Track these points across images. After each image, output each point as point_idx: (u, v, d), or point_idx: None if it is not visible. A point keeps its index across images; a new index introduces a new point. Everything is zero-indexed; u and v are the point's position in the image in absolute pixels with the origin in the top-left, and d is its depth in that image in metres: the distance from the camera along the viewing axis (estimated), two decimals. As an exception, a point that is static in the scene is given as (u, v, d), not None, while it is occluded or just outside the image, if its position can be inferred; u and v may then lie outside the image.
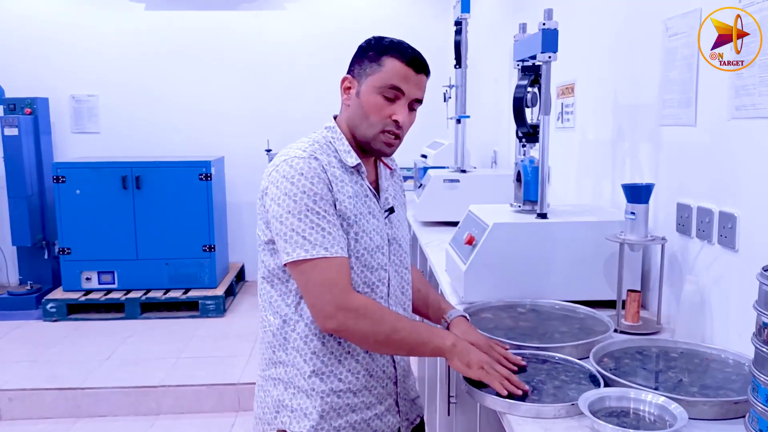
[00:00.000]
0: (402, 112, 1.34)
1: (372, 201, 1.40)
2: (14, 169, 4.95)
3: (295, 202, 1.27)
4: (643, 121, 1.94)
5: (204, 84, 5.53)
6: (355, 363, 1.38)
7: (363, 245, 1.35)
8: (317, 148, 1.35)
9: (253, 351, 3.99)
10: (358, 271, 1.35)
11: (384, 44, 1.36)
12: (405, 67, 1.33)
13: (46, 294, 4.85)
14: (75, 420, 3.38)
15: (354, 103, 1.37)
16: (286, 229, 1.28)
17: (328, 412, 1.36)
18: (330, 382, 1.36)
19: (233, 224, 5.58)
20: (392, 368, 1.44)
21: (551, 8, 1.86)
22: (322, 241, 1.26)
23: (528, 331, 1.61)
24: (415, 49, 1.37)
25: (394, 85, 1.33)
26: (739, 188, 1.46)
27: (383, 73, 1.33)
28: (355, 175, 1.39)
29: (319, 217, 1.27)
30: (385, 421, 1.43)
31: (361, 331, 1.29)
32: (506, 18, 3.66)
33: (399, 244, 1.46)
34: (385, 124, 1.34)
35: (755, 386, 1.03)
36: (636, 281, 1.83)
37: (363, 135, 1.36)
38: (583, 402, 1.16)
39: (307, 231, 1.27)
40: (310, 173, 1.29)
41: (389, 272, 1.42)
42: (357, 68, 1.38)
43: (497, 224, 1.85)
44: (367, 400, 1.39)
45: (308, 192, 1.28)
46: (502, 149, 3.69)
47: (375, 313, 1.29)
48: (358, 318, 1.27)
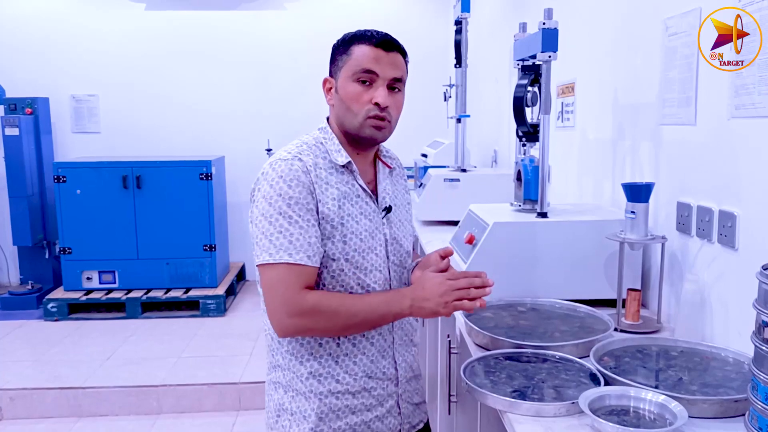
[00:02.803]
0: (381, 93, 1.32)
1: (364, 201, 1.38)
2: (15, 169, 4.95)
3: (270, 204, 1.27)
4: (643, 120, 1.95)
5: (204, 83, 5.53)
6: (353, 365, 1.36)
7: (352, 247, 1.33)
8: (305, 149, 1.35)
9: (253, 351, 3.99)
10: (350, 274, 1.34)
11: (350, 35, 1.36)
12: (373, 48, 1.32)
13: (47, 294, 4.85)
14: (76, 419, 3.39)
15: (335, 99, 1.37)
16: (258, 232, 1.29)
17: (327, 414, 1.35)
18: (328, 383, 1.35)
19: (234, 224, 5.59)
20: (393, 369, 1.42)
21: (551, 8, 1.86)
22: (287, 247, 1.26)
23: (528, 330, 1.62)
24: (382, 31, 1.36)
25: (366, 69, 1.32)
26: (739, 187, 1.47)
27: (353, 60, 1.33)
28: (346, 175, 1.37)
29: (290, 222, 1.26)
30: (386, 423, 1.42)
31: (320, 329, 1.30)
32: (506, 17, 3.67)
33: (399, 244, 1.44)
34: (368, 110, 1.32)
35: (755, 384, 1.04)
36: (636, 280, 1.83)
37: (351, 127, 1.35)
38: (584, 400, 1.17)
39: (275, 235, 1.26)
40: (290, 176, 1.28)
41: (388, 273, 1.40)
42: (332, 67, 1.39)
43: (497, 223, 1.85)
44: (367, 401, 1.38)
45: (284, 195, 1.27)
46: (503, 148, 3.69)
47: (328, 307, 1.27)
48: (312, 317, 1.26)
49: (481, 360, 1.46)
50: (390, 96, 1.34)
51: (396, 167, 1.54)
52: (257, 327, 4.43)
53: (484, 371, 1.40)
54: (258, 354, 3.92)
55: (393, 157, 1.53)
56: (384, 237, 1.40)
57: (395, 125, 1.39)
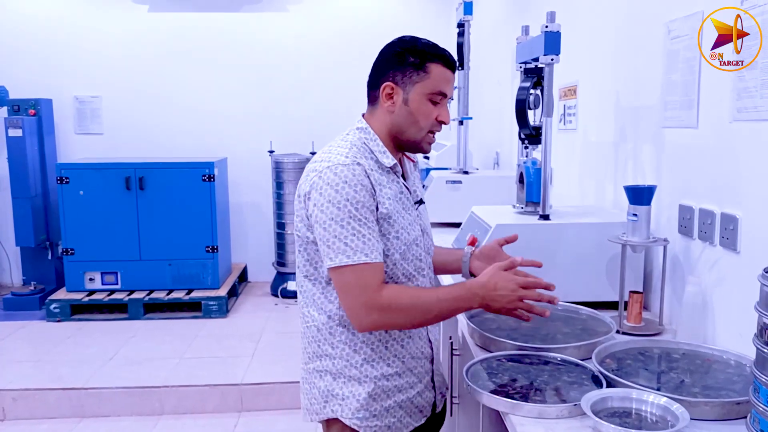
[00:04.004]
0: (446, 113, 1.44)
1: (406, 197, 1.47)
2: (18, 170, 4.96)
3: (339, 209, 1.33)
4: (646, 122, 1.95)
5: (207, 85, 5.54)
6: (400, 347, 1.45)
7: (403, 240, 1.42)
8: (357, 152, 1.40)
9: (255, 352, 3.99)
10: (399, 266, 1.42)
11: (424, 50, 1.41)
12: (447, 71, 1.42)
13: (50, 294, 4.86)
14: (78, 420, 3.39)
15: (401, 110, 1.43)
16: (329, 235, 1.34)
17: (379, 395, 1.44)
18: (380, 367, 1.44)
19: (236, 225, 5.59)
20: (429, 348, 1.53)
21: (554, 10, 1.87)
22: (362, 248, 1.33)
23: (530, 332, 1.62)
24: (448, 51, 1.45)
25: (443, 92, 1.42)
26: (741, 190, 1.47)
27: (431, 81, 1.40)
28: (392, 175, 1.45)
29: (360, 224, 1.33)
30: (424, 397, 1.52)
31: (396, 324, 1.40)
32: (509, 20, 3.67)
33: (428, 234, 1.56)
34: (432, 125, 1.44)
35: (757, 387, 1.04)
36: (638, 282, 1.84)
37: (412, 138, 1.44)
38: (586, 402, 1.17)
39: (349, 238, 1.33)
40: (354, 180, 1.34)
41: (425, 262, 1.49)
42: (399, 76, 1.41)
43: (500, 225, 1.85)
44: (410, 380, 1.48)
45: (351, 200, 1.34)
46: (505, 151, 3.69)
47: (403, 303, 1.36)
48: (390, 312, 1.35)
49: (483, 362, 1.46)
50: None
51: (417, 161, 1.64)
52: (259, 328, 4.44)
53: (486, 373, 1.41)
54: (260, 355, 3.93)
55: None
56: (420, 228, 1.49)
57: None
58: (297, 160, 5.08)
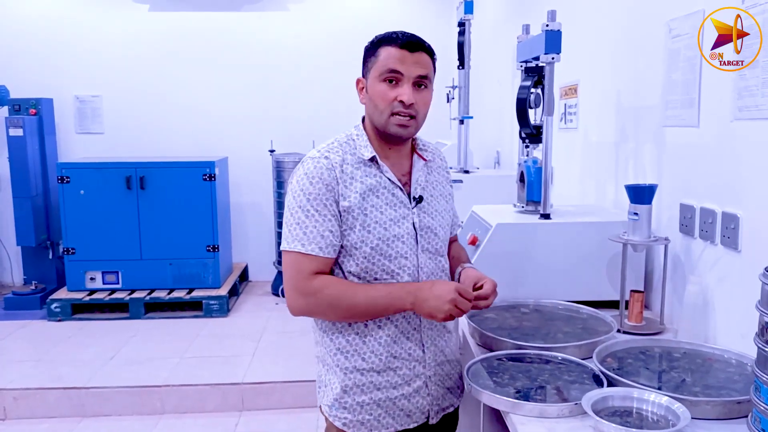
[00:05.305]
0: (405, 91, 1.39)
1: (391, 192, 1.45)
2: (19, 170, 4.96)
3: (294, 198, 1.41)
4: (646, 122, 1.95)
5: (208, 85, 5.54)
6: (377, 345, 1.43)
7: (376, 235, 1.41)
8: (334, 147, 1.46)
9: (256, 351, 4.00)
10: (374, 261, 1.41)
11: (378, 37, 1.45)
12: (399, 50, 1.40)
13: (51, 294, 4.86)
14: (79, 419, 3.39)
15: (366, 98, 1.47)
16: (285, 221, 1.44)
17: (351, 388, 1.44)
18: (354, 360, 1.44)
19: (237, 225, 5.59)
20: (420, 351, 1.47)
21: (554, 9, 1.87)
22: (301, 238, 1.38)
23: (531, 332, 1.62)
24: (408, 33, 1.43)
25: (391, 69, 1.39)
26: (742, 189, 1.47)
27: (380, 61, 1.41)
28: (373, 168, 1.45)
29: (307, 215, 1.39)
30: (413, 402, 1.47)
31: (324, 313, 1.43)
32: (509, 19, 3.67)
33: (434, 233, 1.49)
34: (393, 107, 1.40)
35: (758, 386, 1.04)
36: (639, 282, 1.84)
37: (378, 123, 1.43)
38: (587, 402, 1.17)
39: (293, 226, 1.40)
40: (313, 173, 1.40)
41: (416, 260, 1.45)
42: (364, 68, 1.47)
43: (500, 225, 1.85)
44: (392, 379, 1.45)
45: (305, 191, 1.39)
46: (505, 150, 3.69)
47: (330, 294, 1.38)
48: (316, 300, 1.39)
49: (484, 361, 1.46)
50: (416, 93, 1.41)
51: (435, 159, 1.59)
52: (260, 327, 4.44)
53: (487, 372, 1.41)
54: (260, 354, 3.93)
55: (431, 150, 1.59)
56: (413, 226, 1.45)
57: (423, 120, 1.46)
58: (298, 159, 5.08)
